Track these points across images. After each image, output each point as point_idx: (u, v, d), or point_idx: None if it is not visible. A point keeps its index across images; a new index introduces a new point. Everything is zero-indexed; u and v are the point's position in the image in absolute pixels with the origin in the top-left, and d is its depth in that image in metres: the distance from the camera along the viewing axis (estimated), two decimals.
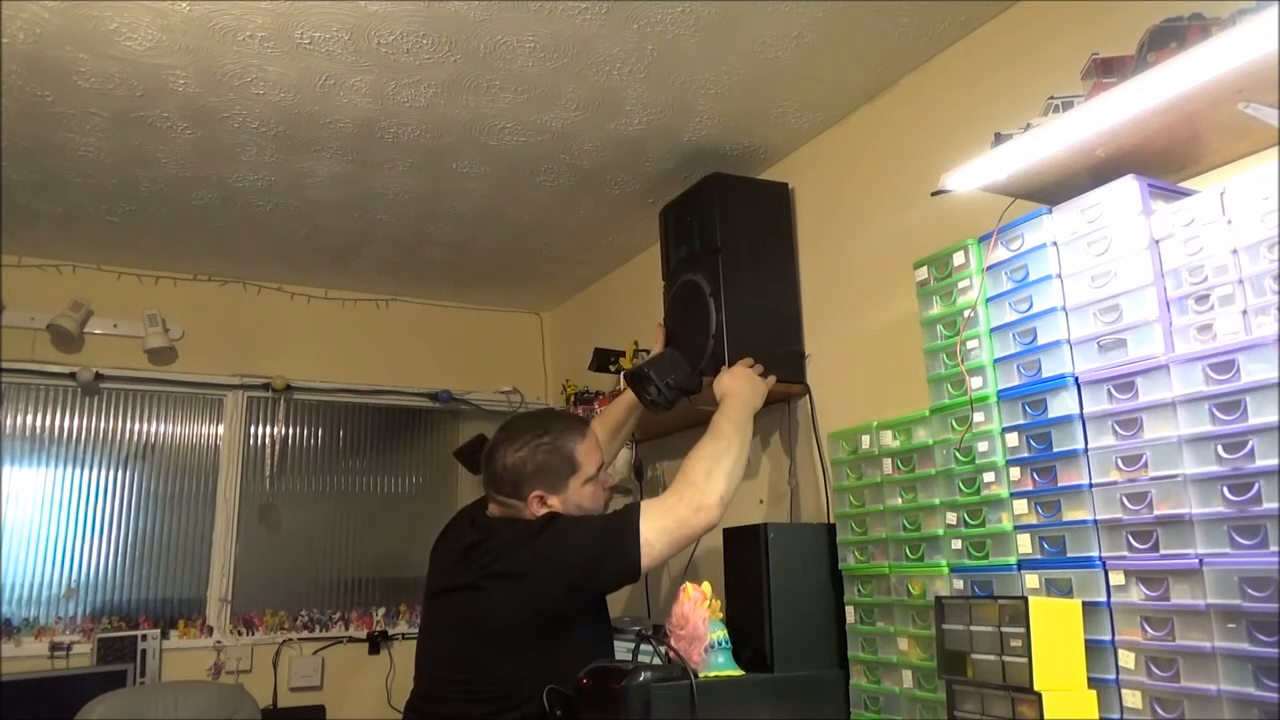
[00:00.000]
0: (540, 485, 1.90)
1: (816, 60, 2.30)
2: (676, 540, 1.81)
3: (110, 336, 3.62)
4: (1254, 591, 1.31)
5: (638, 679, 1.94)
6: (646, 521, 1.79)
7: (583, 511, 1.93)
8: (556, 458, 1.91)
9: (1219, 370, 1.39)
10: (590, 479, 1.94)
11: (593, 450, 1.97)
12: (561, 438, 1.93)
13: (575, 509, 1.91)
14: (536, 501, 1.89)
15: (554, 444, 1.92)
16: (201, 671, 3.52)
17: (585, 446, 1.95)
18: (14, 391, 3.49)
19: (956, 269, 1.86)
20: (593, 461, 1.95)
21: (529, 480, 1.90)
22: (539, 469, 1.90)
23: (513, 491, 1.91)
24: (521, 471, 1.90)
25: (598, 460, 1.96)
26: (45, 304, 3.50)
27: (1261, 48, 1.28)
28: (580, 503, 1.93)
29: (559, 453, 1.91)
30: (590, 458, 1.95)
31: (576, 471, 1.91)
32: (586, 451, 1.95)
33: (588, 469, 1.93)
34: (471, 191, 3.04)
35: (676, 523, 1.80)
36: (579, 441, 1.94)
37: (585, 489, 1.93)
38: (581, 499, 1.93)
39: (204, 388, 3.77)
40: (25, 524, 3.43)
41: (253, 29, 2.12)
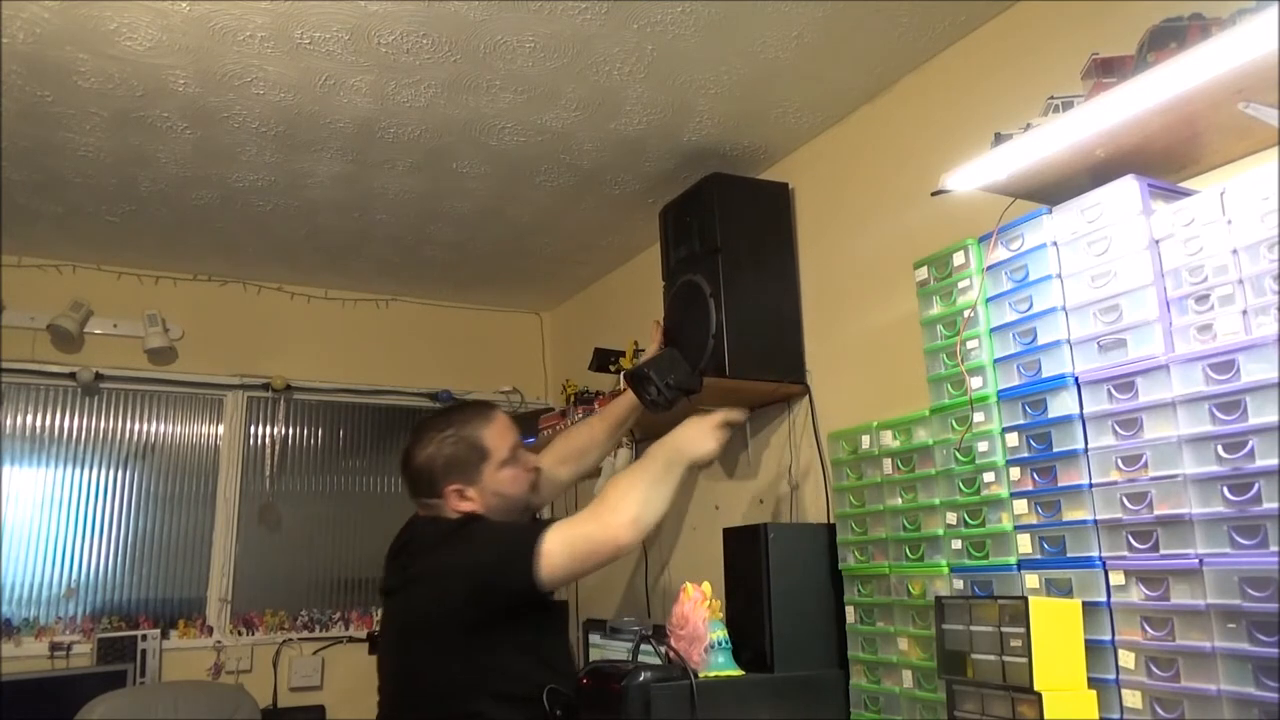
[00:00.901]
0: (455, 478, 1.83)
1: (816, 60, 2.30)
2: (580, 556, 1.71)
3: (110, 336, 3.62)
4: (1254, 591, 1.31)
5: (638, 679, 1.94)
6: (552, 534, 1.70)
7: (504, 499, 1.86)
8: (464, 447, 1.84)
9: (1219, 370, 1.39)
10: (506, 462, 1.86)
11: (503, 433, 1.88)
12: (466, 427, 1.87)
13: (495, 497, 1.84)
14: (455, 495, 1.83)
15: (459, 434, 1.85)
16: (201, 671, 3.52)
17: (493, 431, 1.88)
18: (14, 391, 3.49)
19: (956, 269, 1.86)
20: (504, 444, 1.86)
21: (442, 475, 1.83)
22: (449, 462, 1.83)
23: (429, 490, 1.86)
24: (433, 468, 1.84)
25: (510, 442, 1.88)
26: (45, 304, 3.50)
27: (1261, 48, 1.28)
28: (499, 489, 1.85)
29: (465, 442, 1.85)
30: (500, 441, 1.87)
31: (488, 458, 1.84)
32: (496, 435, 1.87)
33: (499, 453, 1.85)
34: (471, 191, 3.04)
35: (582, 537, 1.71)
36: (485, 427, 1.87)
37: (502, 474, 1.86)
38: (500, 485, 1.86)
39: (204, 388, 3.77)
40: (25, 524, 3.43)
41: (253, 29, 2.12)
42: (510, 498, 1.86)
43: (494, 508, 1.85)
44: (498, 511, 1.86)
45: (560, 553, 1.68)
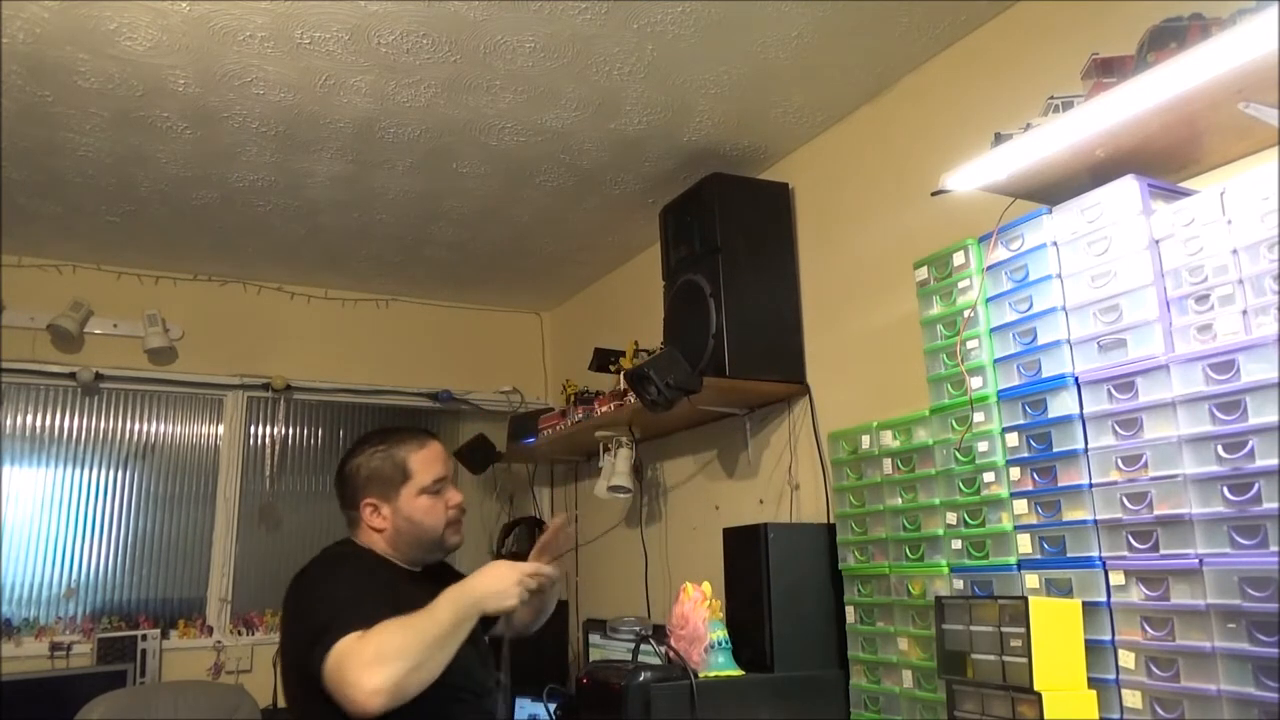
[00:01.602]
0: (372, 492, 1.82)
1: (816, 60, 2.30)
2: (334, 684, 1.49)
3: (110, 336, 3.62)
4: (1254, 591, 1.31)
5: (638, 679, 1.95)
6: (346, 644, 1.49)
7: (414, 527, 1.81)
8: (389, 464, 1.83)
9: (1219, 370, 1.39)
10: (425, 490, 1.82)
11: (431, 461, 1.85)
12: (397, 446, 1.85)
13: (406, 522, 1.81)
14: (369, 510, 1.82)
15: (388, 451, 1.84)
16: (201, 671, 3.52)
17: (422, 456, 1.85)
18: (14, 391, 3.49)
19: (956, 269, 1.86)
20: (429, 472, 1.83)
21: (362, 487, 1.83)
22: (371, 475, 1.83)
23: (350, 501, 1.85)
24: (356, 479, 1.84)
25: (436, 473, 1.84)
26: (45, 304, 3.50)
27: (1261, 48, 1.28)
28: (412, 515, 1.81)
29: (392, 459, 1.83)
30: (426, 468, 1.84)
31: (409, 480, 1.82)
32: (423, 461, 1.84)
33: (421, 478, 1.82)
34: (471, 191, 3.04)
35: (341, 670, 1.48)
36: (415, 451, 1.85)
37: (419, 501, 1.82)
38: (414, 511, 1.81)
39: (204, 388, 3.77)
40: (25, 524, 3.43)
41: (253, 29, 2.12)
42: (421, 527, 1.82)
43: (403, 533, 1.82)
44: (406, 538, 1.82)
45: (333, 667, 1.49)
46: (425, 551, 1.86)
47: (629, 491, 3.12)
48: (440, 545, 1.86)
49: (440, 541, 1.85)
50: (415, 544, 1.83)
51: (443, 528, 1.84)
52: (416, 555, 1.85)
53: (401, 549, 1.83)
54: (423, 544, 1.84)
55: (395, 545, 1.82)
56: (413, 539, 1.83)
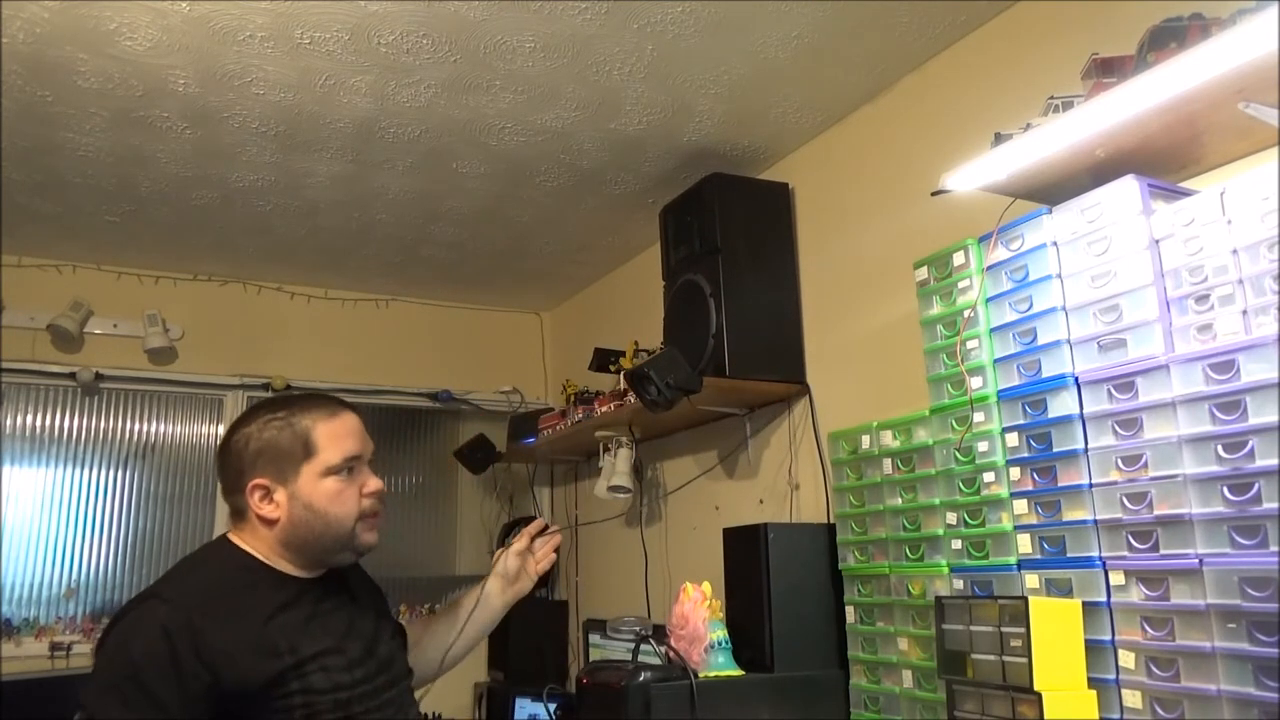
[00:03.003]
0: (264, 470, 1.45)
1: (816, 60, 2.30)
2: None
3: (110, 336, 3.62)
4: (1254, 591, 1.31)
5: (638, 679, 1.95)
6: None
7: (317, 516, 1.45)
8: (288, 434, 1.45)
9: (1219, 370, 1.39)
10: (333, 470, 1.46)
11: (342, 435, 1.48)
12: (300, 414, 1.48)
13: (307, 510, 1.44)
14: (258, 495, 1.45)
15: (288, 419, 1.47)
16: None
17: (331, 428, 1.48)
18: (14, 391, 3.49)
19: (956, 269, 1.86)
20: (338, 449, 1.46)
21: (250, 464, 1.45)
22: (264, 448, 1.45)
23: (234, 485, 1.47)
24: (243, 454, 1.46)
25: (349, 449, 1.48)
26: (45, 304, 3.49)
27: (1261, 48, 1.28)
28: (315, 500, 1.45)
29: (291, 429, 1.46)
30: (336, 443, 1.47)
31: (312, 456, 1.45)
32: (332, 435, 1.47)
33: (329, 456, 1.45)
34: (471, 191, 3.04)
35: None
36: (323, 420, 1.48)
37: (325, 484, 1.45)
38: (317, 496, 1.45)
39: (204, 388, 3.77)
40: (25, 524, 3.43)
41: (253, 29, 2.12)
42: (327, 517, 1.45)
43: (302, 524, 1.45)
44: (305, 533, 1.46)
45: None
46: (328, 552, 1.49)
47: (629, 491, 3.12)
48: (350, 543, 1.49)
49: (350, 538, 1.48)
50: (317, 541, 1.47)
51: (353, 520, 1.47)
52: (317, 556, 1.49)
53: (298, 548, 1.47)
54: (326, 541, 1.47)
55: (289, 543, 1.46)
56: (314, 534, 1.46)
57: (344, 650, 1.45)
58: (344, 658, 1.44)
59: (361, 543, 1.51)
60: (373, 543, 1.53)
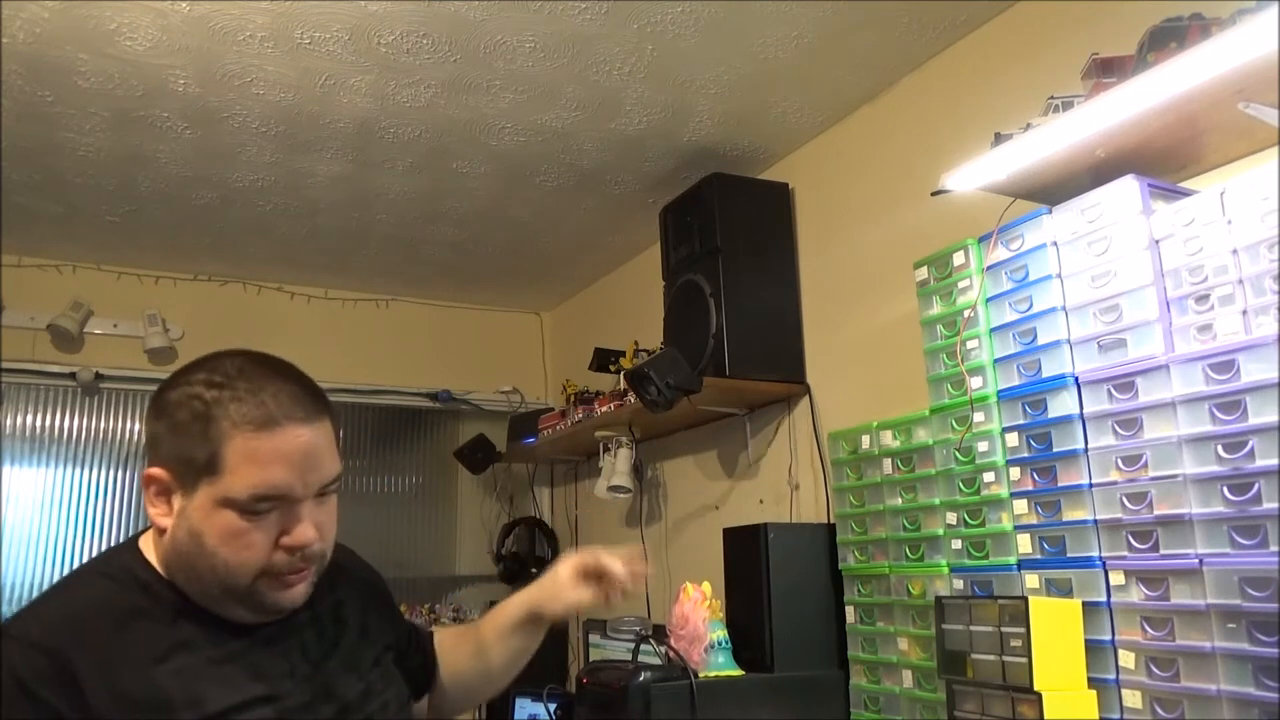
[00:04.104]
0: (165, 460, 1.07)
1: (816, 60, 2.30)
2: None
3: (110, 336, 3.62)
4: (1254, 591, 1.31)
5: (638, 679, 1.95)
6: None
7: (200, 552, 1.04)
8: (198, 429, 1.04)
9: (1219, 370, 1.39)
10: (234, 504, 1.03)
11: (267, 462, 1.03)
12: (228, 406, 1.05)
13: (191, 538, 1.04)
14: (153, 487, 1.08)
15: (209, 408, 1.05)
16: None
17: (255, 445, 1.03)
18: (14, 391, 3.49)
19: (956, 269, 1.86)
20: (251, 478, 1.03)
21: (156, 443, 1.09)
22: (171, 433, 1.07)
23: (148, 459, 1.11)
24: (155, 424, 1.11)
25: (268, 484, 1.03)
26: (45, 304, 3.49)
27: (1261, 48, 1.28)
28: (202, 531, 1.04)
29: (207, 423, 1.04)
30: (252, 470, 1.03)
31: (214, 474, 1.03)
32: (252, 456, 1.03)
33: (233, 484, 1.02)
34: (471, 191, 3.04)
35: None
36: (251, 429, 1.03)
37: (221, 517, 1.03)
38: (207, 526, 1.04)
39: None
40: (25, 524, 3.43)
41: (253, 29, 2.12)
42: (214, 558, 1.04)
43: (183, 554, 1.06)
44: (184, 564, 1.06)
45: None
46: (216, 603, 1.08)
47: (629, 491, 3.12)
48: (248, 599, 1.07)
49: (247, 594, 1.06)
50: (199, 583, 1.07)
51: (252, 575, 1.05)
52: (204, 602, 1.08)
53: (182, 581, 1.08)
54: (211, 588, 1.06)
55: (174, 569, 1.08)
56: (195, 573, 1.06)
57: (278, 699, 1.07)
58: (275, 708, 1.06)
59: (268, 601, 1.07)
60: (289, 603, 1.09)
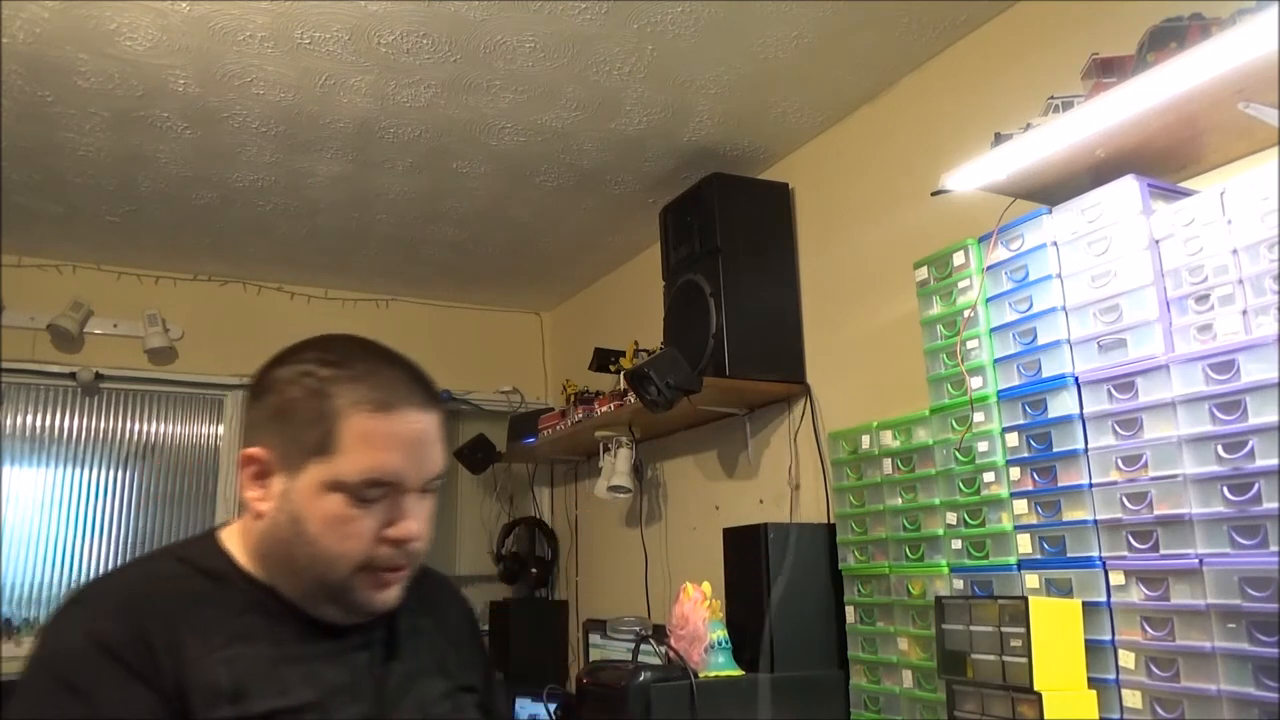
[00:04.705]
0: (267, 439, 1.00)
1: (816, 60, 2.30)
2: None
3: (110, 336, 3.62)
4: (1254, 591, 1.31)
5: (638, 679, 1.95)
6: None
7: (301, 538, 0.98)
8: (312, 406, 0.98)
9: (1219, 370, 1.39)
10: (344, 488, 0.97)
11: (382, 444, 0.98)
12: (345, 385, 1.00)
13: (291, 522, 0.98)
14: (250, 470, 1.01)
15: (324, 384, 1.00)
16: None
17: (372, 426, 0.98)
18: (14, 391, 3.49)
19: (956, 269, 1.86)
20: (365, 460, 0.97)
21: (260, 422, 1.02)
22: (281, 409, 1.00)
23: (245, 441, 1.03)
24: (260, 403, 1.03)
25: (382, 468, 0.98)
26: (45, 304, 3.49)
27: (1261, 48, 1.28)
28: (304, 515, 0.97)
29: (321, 400, 0.98)
30: (366, 451, 0.97)
31: (326, 453, 0.97)
32: (367, 437, 0.98)
33: (346, 465, 0.97)
34: (471, 191, 3.04)
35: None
36: (368, 409, 0.98)
37: (327, 501, 0.97)
38: (310, 511, 0.97)
39: (204, 388, 3.77)
40: (25, 524, 3.43)
41: (253, 29, 2.12)
42: (314, 546, 0.97)
43: (281, 540, 0.99)
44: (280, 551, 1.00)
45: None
46: (307, 595, 1.01)
47: (629, 491, 3.12)
48: (341, 596, 1.00)
49: (341, 589, 0.99)
50: (294, 574, 1.00)
51: (352, 566, 0.98)
52: (295, 594, 1.01)
53: (272, 570, 1.01)
54: (307, 580, 1.00)
55: (267, 555, 1.02)
56: (292, 562, 0.99)
57: (326, 710, 0.97)
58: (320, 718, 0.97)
59: (362, 600, 1.00)
60: (381, 605, 1.02)
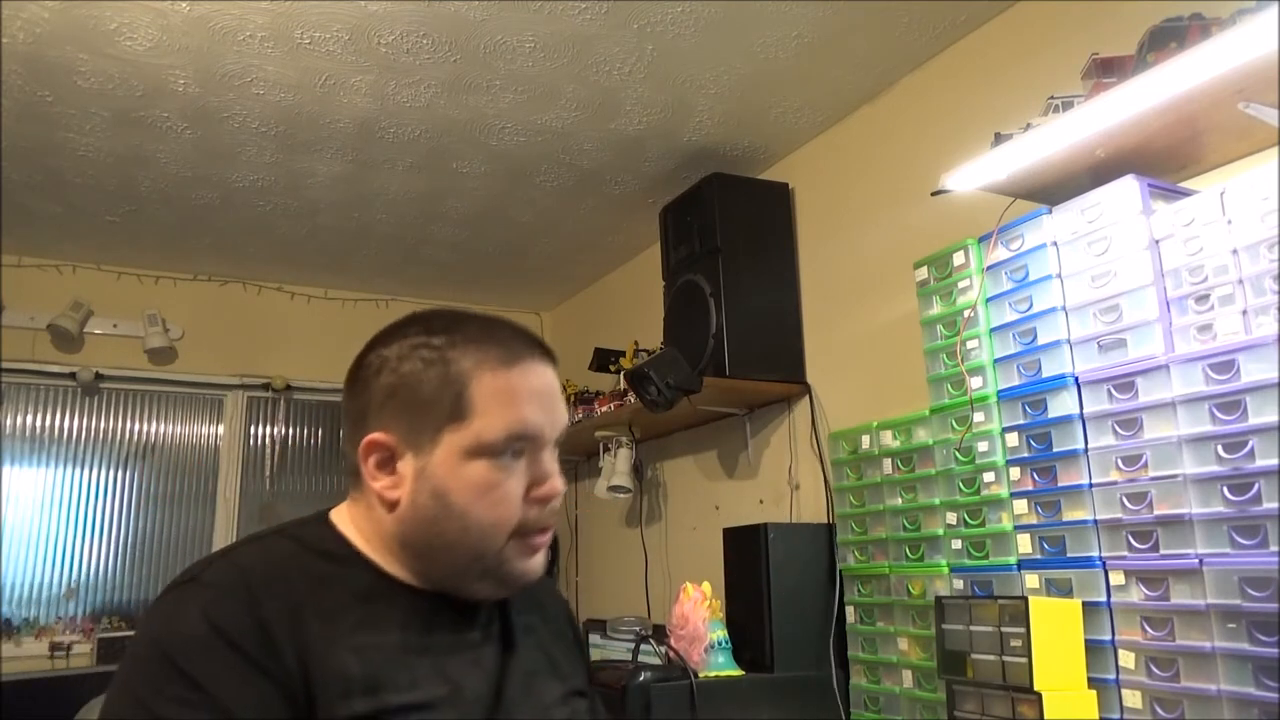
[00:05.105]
0: (392, 422, 0.92)
1: (816, 60, 2.30)
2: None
3: (110, 336, 3.62)
4: (1254, 591, 1.31)
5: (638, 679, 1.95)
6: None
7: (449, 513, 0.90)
8: (435, 375, 0.92)
9: (1219, 370, 1.39)
10: (489, 451, 0.90)
11: (518, 397, 0.93)
12: (465, 348, 0.93)
13: (434, 500, 0.91)
14: (375, 457, 0.93)
15: (443, 351, 0.93)
16: None
17: (505, 383, 0.92)
18: (14, 391, 3.49)
19: (956, 269, 1.86)
20: (506, 416, 0.91)
21: (377, 408, 0.94)
22: (399, 386, 0.93)
23: (353, 431, 0.96)
24: (371, 388, 0.95)
25: (524, 422, 0.92)
26: (45, 304, 3.49)
27: (1261, 48, 1.28)
28: (449, 489, 0.90)
29: (444, 367, 0.92)
30: (505, 407, 0.92)
31: (462, 419, 0.91)
32: (502, 394, 0.92)
33: (488, 426, 0.90)
34: (471, 191, 3.04)
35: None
36: (494, 366, 0.93)
37: (472, 469, 0.90)
38: (455, 483, 0.90)
39: (204, 388, 3.77)
40: (25, 524, 3.43)
41: (253, 29, 2.12)
42: (465, 519, 0.91)
43: (425, 521, 0.92)
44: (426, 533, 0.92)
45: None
46: (458, 575, 0.94)
47: (629, 491, 3.11)
48: (495, 569, 0.93)
49: (496, 561, 0.93)
50: (443, 553, 0.92)
51: (506, 534, 0.92)
52: (440, 577, 0.94)
53: (417, 554, 0.93)
54: (457, 557, 0.92)
55: (407, 542, 0.93)
56: (440, 541, 0.92)
57: (454, 705, 0.89)
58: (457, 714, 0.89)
59: (516, 570, 0.94)
60: (533, 574, 0.96)
